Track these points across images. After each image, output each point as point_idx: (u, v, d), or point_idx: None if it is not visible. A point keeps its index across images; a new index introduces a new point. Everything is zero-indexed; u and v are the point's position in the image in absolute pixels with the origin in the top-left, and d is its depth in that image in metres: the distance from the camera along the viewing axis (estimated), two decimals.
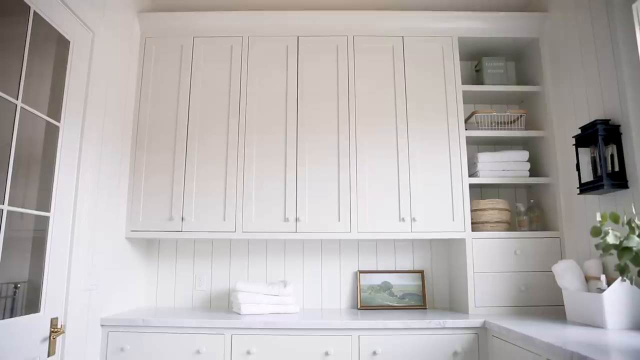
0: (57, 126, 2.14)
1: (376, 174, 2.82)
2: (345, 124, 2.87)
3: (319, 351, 2.39)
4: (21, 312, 2.03)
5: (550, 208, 2.88)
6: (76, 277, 2.18)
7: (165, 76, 2.95)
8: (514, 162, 2.90)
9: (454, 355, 2.39)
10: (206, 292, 3.08)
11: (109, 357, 2.41)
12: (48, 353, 1.99)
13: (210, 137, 2.87)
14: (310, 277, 3.10)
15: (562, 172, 2.76)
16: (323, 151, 2.84)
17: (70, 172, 2.20)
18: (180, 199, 2.80)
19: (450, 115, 2.88)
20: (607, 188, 2.22)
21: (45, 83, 2.18)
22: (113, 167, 2.63)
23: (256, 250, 3.13)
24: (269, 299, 2.71)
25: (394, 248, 3.13)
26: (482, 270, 2.71)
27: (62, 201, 2.14)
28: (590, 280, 2.35)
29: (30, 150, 2.31)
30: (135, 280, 2.92)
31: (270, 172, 2.83)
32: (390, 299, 3.01)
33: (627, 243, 1.59)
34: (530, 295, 2.68)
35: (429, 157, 2.84)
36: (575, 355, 1.60)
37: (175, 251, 3.13)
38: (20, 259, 2.23)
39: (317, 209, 2.78)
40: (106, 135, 2.53)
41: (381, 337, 2.40)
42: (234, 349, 2.40)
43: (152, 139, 2.87)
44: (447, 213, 2.78)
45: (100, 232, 2.46)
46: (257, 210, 2.79)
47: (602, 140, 2.26)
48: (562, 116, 2.77)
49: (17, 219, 2.15)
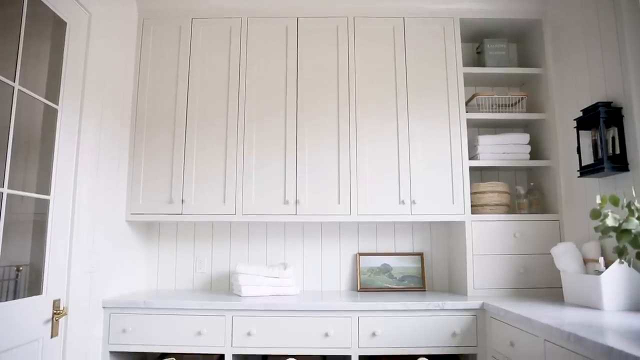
0: (55, 109, 2.12)
1: (376, 156, 2.82)
2: (345, 106, 2.85)
3: (319, 332, 2.42)
4: (24, 294, 2.05)
5: (550, 191, 2.88)
6: (77, 259, 2.20)
7: (164, 58, 2.92)
8: (514, 144, 2.89)
9: (452, 336, 2.42)
10: (207, 275, 3.11)
11: (111, 338, 2.44)
12: (51, 334, 2.01)
13: (210, 119, 2.85)
14: (310, 259, 3.11)
15: (563, 155, 2.75)
16: (323, 134, 2.83)
17: (70, 155, 2.20)
18: (180, 181, 2.80)
19: (451, 98, 2.86)
20: (608, 171, 2.22)
21: (43, 65, 2.16)
22: (112, 150, 2.62)
23: (256, 233, 3.14)
24: (269, 281, 2.73)
25: (393, 230, 3.15)
26: (482, 253, 2.72)
27: (62, 184, 2.14)
28: (589, 263, 2.36)
29: (29, 133, 2.30)
30: (136, 263, 2.94)
31: (270, 155, 2.82)
32: (389, 281, 3.04)
33: (626, 225, 1.59)
34: (529, 278, 2.70)
35: (429, 140, 2.83)
36: (572, 336, 1.61)
37: (176, 234, 3.15)
38: (22, 242, 2.24)
39: (317, 192, 2.78)
40: (105, 119, 2.52)
41: (380, 319, 2.42)
42: (235, 330, 2.42)
43: (151, 122, 2.86)
44: (447, 196, 2.78)
45: (101, 215, 2.47)
46: (257, 192, 2.79)
47: (604, 122, 2.25)
48: (564, 99, 2.75)
49: (17, 202, 2.15)
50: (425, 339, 2.41)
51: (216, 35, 2.94)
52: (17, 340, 1.81)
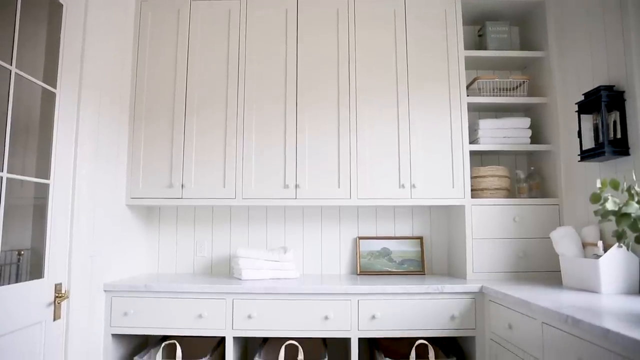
0: (53, 92, 2.11)
1: (376, 140, 2.81)
2: (345, 90, 2.83)
3: (318, 315, 2.44)
4: (25, 278, 2.07)
5: (550, 175, 2.87)
6: (78, 243, 2.20)
7: (162, 42, 2.89)
8: (515, 129, 2.88)
9: (451, 319, 2.44)
10: (207, 258, 3.13)
11: (113, 321, 2.47)
12: (54, 317, 2.03)
13: (209, 104, 2.84)
14: (310, 243, 3.13)
15: (564, 139, 2.74)
16: (323, 118, 2.82)
17: (69, 139, 2.19)
18: (179, 166, 2.79)
19: (452, 81, 2.84)
20: (609, 155, 2.21)
21: (40, 49, 2.14)
22: (112, 134, 2.61)
23: (256, 217, 3.15)
24: (269, 265, 2.75)
25: (393, 214, 3.15)
26: (481, 237, 2.73)
27: (62, 168, 2.14)
28: (588, 247, 2.37)
29: (27, 117, 2.29)
30: (137, 247, 2.95)
31: (269, 139, 2.81)
32: (389, 264, 3.06)
33: (626, 209, 1.59)
34: (528, 262, 2.72)
35: (429, 124, 2.82)
36: (570, 319, 1.63)
37: (176, 218, 3.16)
38: (23, 226, 2.25)
39: (317, 176, 2.78)
40: (104, 103, 2.50)
41: (380, 302, 2.44)
42: (235, 313, 2.45)
43: (150, 106, 2.84)
44: (447, 180, 2.78)
45: (101, 199, 2.47)
46: (256, 177, 2.79)
47: (605, 106, 2.24)
48: (566, 82, 2.73)
49: (17, 186, 2.16)
50: (424, 321, 2.44)
51: (215, 19, 2.91)
52: (21, 323, 1.83)
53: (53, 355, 2.03)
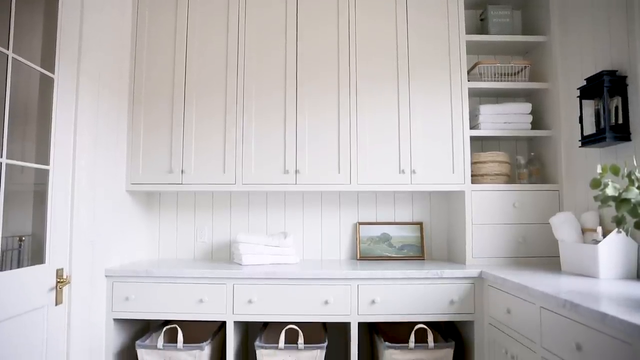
0: (51, 78, 2.09)
1: (376, 125, 2.80)
2: (345, 75, 2.81)
3: (318, 300, 2.46)
4: (27, 264, 2.08)
5: (550, 161, 2.87)
6: (78, 229, 2.21)
7: (161, 27, 2.86)
8: (515, 114, 2.87)
9: (450, 304, 2.46)
10: (207, 244, 3.14)
11: (114, 306, 2.49)
12: (56, 302, 2.04)
13: (209, 90, 2.82)
14: (310, 228, 3.14)
15: (565, 125, 2.73)
16: (323, 103, 2.80)
17: (68, 125, 2.18)
18: (179, 152, 2.79)
19: (453, 66, 2.82)
20: (610, 141, 2.21)
21: (37, 33, 2.12)
22: (111, 119, 2.59)
23: (256, 202, 3.16)
24: (269, 250, 2.76)
25: (393, 200, 3.16)
26: (481, 222, 2.74)
27: (61, 154, 2.13)
28: (587, 232, 2.38)
29: (26, 102, 2.28)
30: (138, 233, 2.96)
31: (269, 124, 2.80)
32: (389, 250, 3.07)
33: (626, 195, 1.59)
34: (527, 247, 2.73)
35: (430, 109, 2.80)
36: (568, 303, 1.64)
37: (176, 204, 3.16)
38: (23, 212, 2.25)
39: (317, 161, 2.78)
40: (102, 88, 2.48)
41: (380, 287, 2.46)
42: (236, 298, 2.46)
43: (149, 91, 2.82)
44: (447, 165, 2.78)
45: (101, 185, 2.47)
46: (256, 162, 2.78)
47: (607, 91, 2.23)
48: (568, 67, 2.71)
49: (17, 172, 2.15)
50: (424, 306, 2.46)
51: (214, 4, 2.87)
52: (24, 307, 1.84)
53: (56, 339, 2.05)
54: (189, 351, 2.39)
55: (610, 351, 1.42)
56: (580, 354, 1.57)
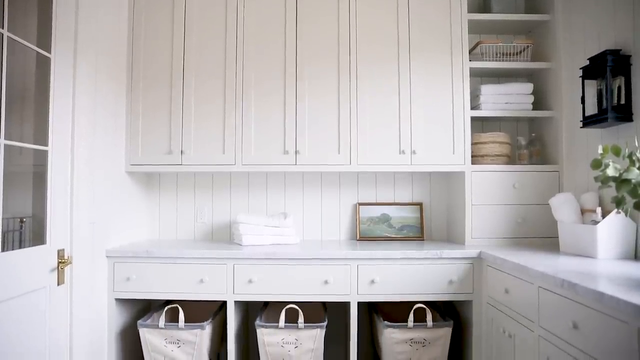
0: (47, 57, 2.07)
1: (377, 105, 2.78)
2: (345, 53, 2.78)
3: (318, 280, 2.48)
4: (28, 245, 2.09)
5: (551, 142, 2.86)
6: (78, 210, 2.21)
7: (160, 9, 2.81)
8: (517, 94, 2.84)
9: (449, 284, 2.48)
10: (207, 225, 3.15)
11: (116, 286, 2.51)
12: (57, 282, 2.06)
13: (208, 70, 2.79)
14: (310, 209, 3.15)
15: (566, 105, 2.71)
16: (323, 82, 2.78)
17: (66, 105, 2.16)
18: (179, 132, 2.77)
19: (455, 46, 2.78)
20: (611, 121, 2.19)
21: (32, 10, 2.09)
22: (109, 99, 2.57)
23: (256, 183, 3.16)
24: (269, 230, 2.77)
25: (393, 181, 3.16)
26: (480, 203, 2.74)
27: (59, 134, 2.12)
28: (586, 213, 2.38)
29: (22, 83, 2.26)
30: (138, 214, 2.97)
31: (269, 105, 2.78)
32: (388, 230, 3.08)
33: (627, 175, 1.59)
34: (527, 228, 2.74)
35: (431, 89, 2.78)
36: (566, 283, 1.65)
37: (176, 184, 3.16)
38: (23, 194, 2.25)
39: (317, 142, 2.77)
40: (100, 68, 2.44)
41: (379, 267, 2.48)
42: (236, 278, 2.48)
43: (147, 72, 2.79)
44: (448, 146, 2.77)
45: (100, 165, 2.46)
46: (256, 143, 2.77)
47: (611, 71, 2.20)
48: (571, 47, 2.68)
49: (15, 153, 2.15)
50: (423, 286, 2.47)
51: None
52: (26, 287, 1.85)
53: (59, 318, 2.07)
54: (190, 330, 2.42)
55: (606, 330, 1.44)
56: (576, 332, 1.59)
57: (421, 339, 2.44)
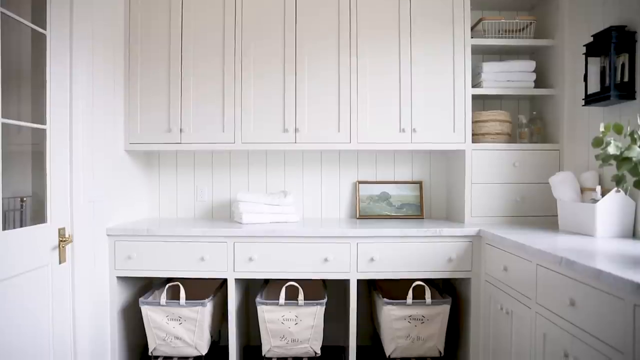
0: (43, 34, 2.03)
1: (377, 83, 2.75)
2: (346, 30, 2.74)
3: (318, 258, 2.49)
4: (30, 224, 2.10)
5: (552, 120, 2.84)
6: (78, 188, 2.20)
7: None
8: (519, 72, 2.81)
9: (448, 262, 2.50)
10: (207, 203, 3.16)
11: (117, 264, 2.52)
12: (59, 260, 2.07)
13: (207, 46, 2.75)
14: (310, 187, 3.15)
15: (569, 83, 2.68)
16: (323, 59, 2.74)
17: (63, 82, 2.13)
18: (177, 110, 2.75)
19: (456, 22, 2.74)
20: (614, 99, 2.17)
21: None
22: (107, 78, 2.54)
23: (256, 161, 3.15)
24: (269, 209, 2.78)
25: (393, 159, 3.15)
26: (480, 182, 2.74)
27: (57, 112, 2.10)
28: (586, 192, 2.38)
29: (19, 60, 2.23)
30: (138, 192, 2.97)
31: (269, 82, 2.75)
32: (388, 208, 3.09)
33: (628, 153, 1.58)
34: (526, 206, 2.74)
35: (432, 67, 2.75)
36: (564, 260, 1.66)
37: (176, 163, 3.16)
38: (23, 173, 2.25)
39: (316, 120, 2.75)
40: (97, 45, 2.40)
41: (379, 245, 2.49)
42: (237, 256, 2.50)
43: (145, 50, 2.75)
44: (448, 124, 2.75)
45: (99, 143, 2.44)
46: (256, 121, 2.75)
47: (615, 48, 2.17)
48: (575, 23, 2.63)
49: (14, 132, 2.14)
50: (422, 264, 2.49)
51: None
52: (29, 265, 1.87)
53: (62, 296, 2.10)
54: (192, 307, 2.45)
55: (603, 306, 1.45)
56: (573, 309, 1.61)
57: (420, 316, 2.47)
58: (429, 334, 2.48)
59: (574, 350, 1.60)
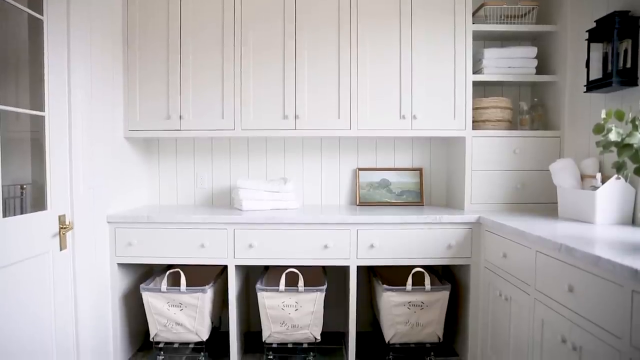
0: (40, 19, 2.01)
1: (377, 69, 2.73)
2: (346, 14, 2.70)
3: (318, 244, 2.50)
4: (30, 211, 2.10)
5: (553, 107, 2.83)
6: (78, 175, 2.20)
7: None
8: (521, 58, 2.79)
9: (447, 248, 2.51)
10: (207, 190, 3.15)
11: (117, 251, 2.53)
12: (60, 247, 2.08)
13: (206, 32, 2.72)
14: (310, 174, 3.14)
15: (571, 70, 2.66)
16: (323, 44, 2.72)
17: (61, 69, 2.11)
18: (177, 97, 2.73)
19: (458, 7, 2.71)
20: (616, 85, 2.16)
21: None
22: (106, 64, 2.52)
23: (256, 148, 3.14)
24: (269, 196, 2.78)
25: (393, 146, 3.14)
26: (481, 169, 2.73)
27: (56, 99, 2.08)
28: (586, 179, 2.38)
29: (15, 46, 2.21)
30: (138, 179, 2.97)
31: (268, 69, 2.73)
32: (388, 195, 3.09)
33: (629, 140, 1.58)
34: (526, 193, 2.74)
35: (432, 53, 2.72)
36: (564, 247, 1.67)
37: (175, 150, 3.15)
38: (23, 160, 2.24)
39: (316, 106, 2.73)
40: (95, 31, 2.38)
41: (379, 231, 2.50)
42: (237, 242, 2.51)
43: (144, 38, 2.72)
44: (449, 111, 2.74)
45: (98, 130, 2.43)
46: (255, 107, 2.74)
47: (618, 33, 2.15)
48: (578, 8, 2.60)
49: (12, 119, 2.13)
50: (422, 250, 2.50)
51: None
52: (30, 252, 1.87)
53: (63, 282, 2.11)
54: (192, 294, 2.46)
55: (601, 292, 1.46)
56: (571, 295, 1.62)
57: (419, 302, 2.49)
58: (428, 320, 2.50)
59: (572, 336, 1.61)
